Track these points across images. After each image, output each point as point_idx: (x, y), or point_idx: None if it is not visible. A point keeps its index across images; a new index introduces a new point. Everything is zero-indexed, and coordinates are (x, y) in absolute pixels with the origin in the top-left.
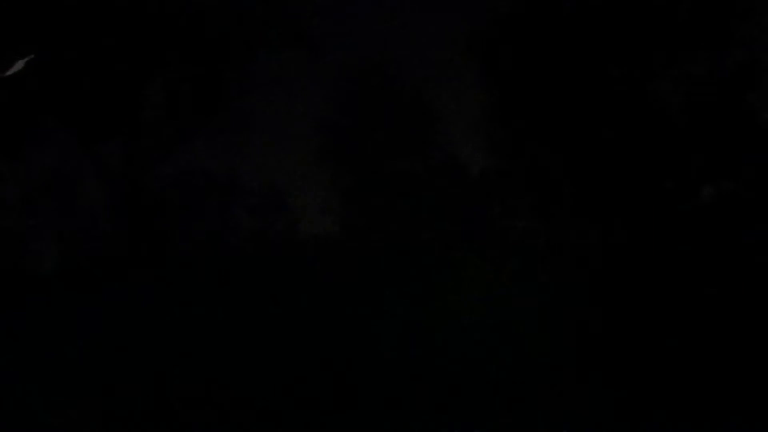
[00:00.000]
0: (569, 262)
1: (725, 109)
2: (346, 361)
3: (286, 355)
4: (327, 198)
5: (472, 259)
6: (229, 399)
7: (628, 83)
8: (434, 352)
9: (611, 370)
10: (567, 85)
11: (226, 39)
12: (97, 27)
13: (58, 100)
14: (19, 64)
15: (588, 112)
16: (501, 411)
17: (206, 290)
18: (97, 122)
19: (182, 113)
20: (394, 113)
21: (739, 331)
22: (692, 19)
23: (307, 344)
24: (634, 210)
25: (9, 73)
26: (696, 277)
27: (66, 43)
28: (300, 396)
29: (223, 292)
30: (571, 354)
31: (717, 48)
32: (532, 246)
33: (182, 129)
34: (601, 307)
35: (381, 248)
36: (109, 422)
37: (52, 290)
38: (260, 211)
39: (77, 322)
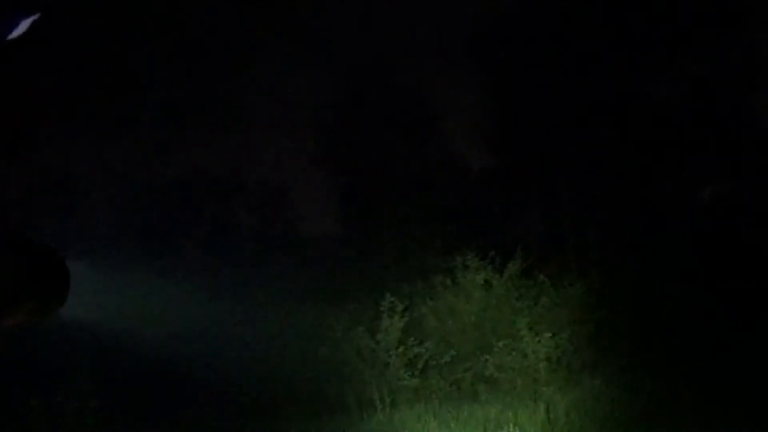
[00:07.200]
0: (569, 262)
1: (725, 109)
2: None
3: (285, 354)
4: (327, 198)
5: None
6: (225, 398)
7: (628, 83)
8: (430, 351)
9: (609, 370)
10: (567, 85)
11: (226, 39)
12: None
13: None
14: (24, 26)
15: (588, 111)
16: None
17: (205, 289)
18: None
19: (182, 113)
20: (393, 113)
21: (738, 331)
22: (692, 19)
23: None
24: (634, 210)
25: (13, 35)
26: (696, 277)
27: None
28: (300, 396)
29: (222, 292)
30: (570, 354)
31: (717, 48)
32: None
33: (182, 129)
34: (600, 306)
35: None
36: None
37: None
38: (260, 211)
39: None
